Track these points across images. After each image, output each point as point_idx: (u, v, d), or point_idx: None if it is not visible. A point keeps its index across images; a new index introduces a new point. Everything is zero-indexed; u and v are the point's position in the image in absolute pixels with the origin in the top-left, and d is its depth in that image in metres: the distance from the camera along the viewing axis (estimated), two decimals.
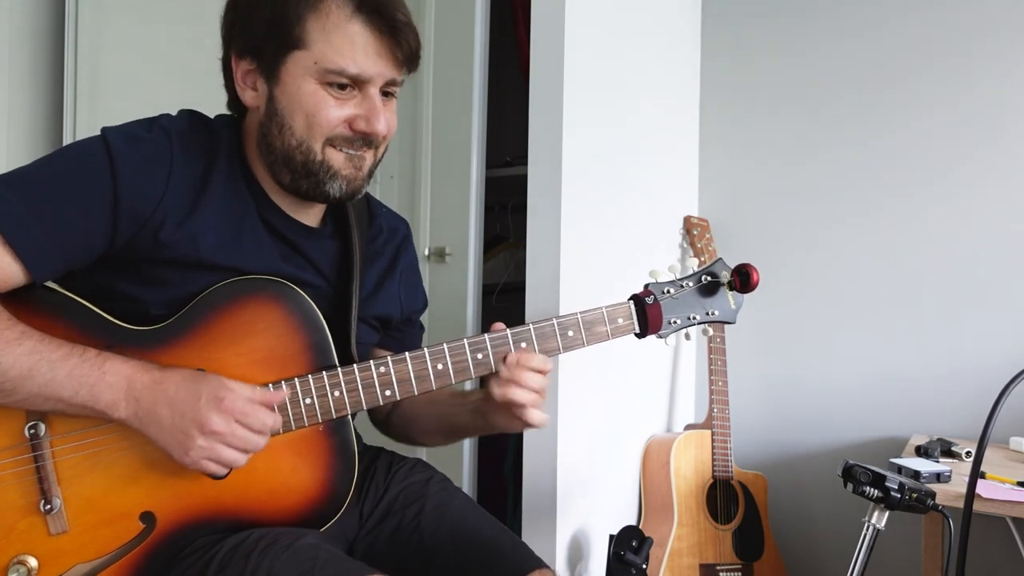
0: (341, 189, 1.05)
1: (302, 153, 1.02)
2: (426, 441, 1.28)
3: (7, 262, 0.92)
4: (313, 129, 1.01)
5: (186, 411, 0.91)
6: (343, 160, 1.04)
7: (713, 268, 1.16)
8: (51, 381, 0.89)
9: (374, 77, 1.02)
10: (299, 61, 1.00)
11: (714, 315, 1.16)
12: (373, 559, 1.12)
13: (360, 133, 1.03)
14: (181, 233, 0.98)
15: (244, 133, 1.09)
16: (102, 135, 0.98)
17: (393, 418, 1.29)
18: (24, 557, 0.93)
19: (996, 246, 2.01)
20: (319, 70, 0.99)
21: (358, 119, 1.02)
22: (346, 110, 1.02)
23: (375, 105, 1.03)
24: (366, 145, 1.05)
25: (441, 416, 1.24)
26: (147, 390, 0.92)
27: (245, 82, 1.05)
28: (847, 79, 2.20)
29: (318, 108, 1.01)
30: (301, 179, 1.04)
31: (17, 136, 2.28)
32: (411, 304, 1.28)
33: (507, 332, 1.07)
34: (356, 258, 1.14)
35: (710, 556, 1.97)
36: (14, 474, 0.93)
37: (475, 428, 1.18)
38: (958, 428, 1.98)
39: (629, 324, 1.13)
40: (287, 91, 1.01)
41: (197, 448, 0.92)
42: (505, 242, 2.69)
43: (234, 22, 1.06)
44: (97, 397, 0.91)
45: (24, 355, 0.89)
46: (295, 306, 1.03)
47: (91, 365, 0.91)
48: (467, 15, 1.94)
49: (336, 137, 1.03)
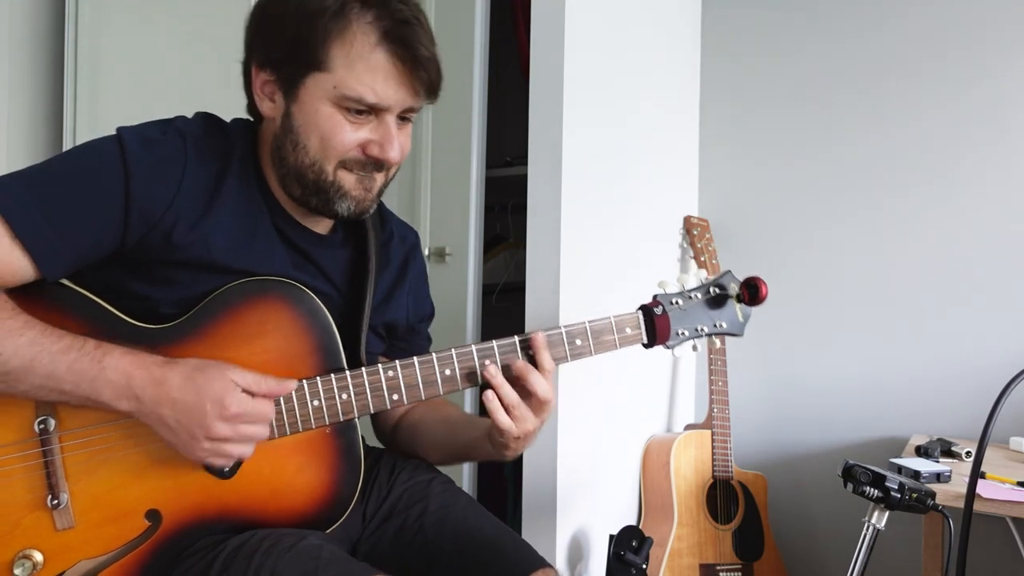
0: (349, 209, 1.05)
1: (314, 172, 1.03)
2: (430, 456, 1.26)
3: (18, 258, 0.92)
4: (327, 151, 1.02)
5: (192, 414, 0.91)
6: (354, 181, 1.04)
7: (722, 280, 1.16)
8: (52, 374, 0.90)
9: (392, 106, 1.02)
10: (319, 83, 1.00)
11: (722, 327, 1.16)
12: (376, 560, 1.12)
13: (373, 158, 1.03)
14: (193, 235, 0.99)
15: (259, 140, 1.09)
16: (117, 135, 0.98)
17: (400, 431, 1.28)
18: (30, 552, 0.93)
19: (996, 246, 2.01)
20: (338, 95, 0.99)
21: (372, 144, 1.02)
22: (360, 134, 1.02)
23: (390, 132, 1.03)
24: (377, 169, 1.05)
25: (451, 431, 1.23)
26: (148, 389, 0.92)
27: (263, 91, 1.05)
28: (847, 79, 2.21)
29: (333, 132, 1.01)
30: (311, 196, 1.05)
31: (17, 136, 2.28)
32: (418, 312, 1.28)
33: (515, 339, 1.07)
34: (372, 264, 1.15)
35: (710, 556, 1.98)
36: (22, 468, 0.94)
37: (482, 446, 1.16)
38: (958, 428, 1.99)
39: (637, 334, 1.13)
40: (304, 110, 1.01)
41: (202, 449, 0.93)
42: (505, 242, 2.69)
43: (258, 31, 1.05)
44: (98, 391, 0.91)
45: (25, 346, 0.89)
46: (305, 308, 1.03)
47: (91, 359, 0.91)
48: (467, 15, 1.94)
49: (349, 160, 1.03)
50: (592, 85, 1.75)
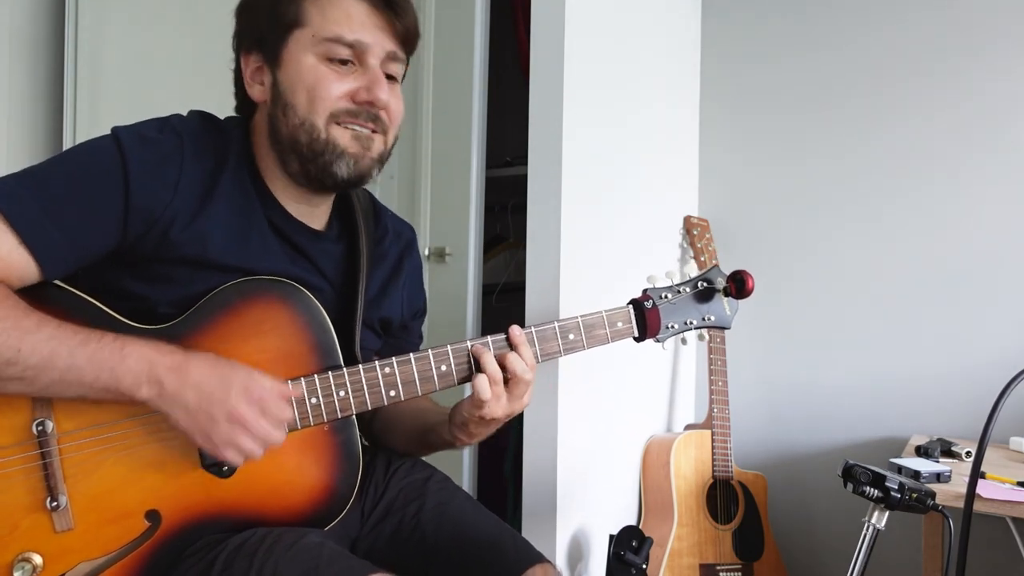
0: (349, 168, 1.05)
1: (306, 132, 1.03)
2: (399, 444, 1.27)
3: (19, 256, 0.92)
4: (315, 104, 1.02)
5: (215, 395, 0.92)
6: (349, 138, 1.04)
7: (709, 275, 1.19)
8: (71, 367, 0.89)
9: (372, 45, 1.03)
10: (299, 40, 1.03)
11: (710, 320, 1.19)
12: (375, 558, 1.12)
13: (364, 103, 1.04)
14: (190, 233, 0.99)
15: (253, 133, 1.10)
16: (114, 135, 0.99)
17: (375, 421, 1.29)
18: (29, 554, 0.93)
19: (996, 246, 2.01)
20: (317, 41, 1.02)
21: (360, 90, 1.03)
22: (347, 83, 1.03)
23: (376, 75, 1.04)
24: (372, 120, 1.05)
25: (415, 416, 1.24)
26: (171, 373, 0.92)
27: (254, 79, 1.07)
28: (847, 79, 2.21)
29: (318, 82, 1.02)
30: (308, 163, 1.04)
31: (17, 136, 2.28)
32: (411, 308, 1.28)
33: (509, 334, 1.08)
34: (363, 260, 1.15)
35: (710, 556, 1.98)
36: (20, 471, 0.93)
37: (439, 429, 1.17)
38: (958, 428, 1.99)
39: (628, 328, 1.15)
40: (288, 71, 1.03)
41: (220, 433, 0.92)
42: (505, 242, 2.69)
43: (242, 24, 1.09)
44: (119, 379, 0.91)
45: (44, 341, 0.89)
46: (302, 307, 1.03)
47: (111, 349, 0.91)
48: (467, 15, 1.94)
49: (339, 112, 1.03)
50: (592, 85, 1.75)
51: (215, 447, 0.93)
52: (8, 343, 0.87)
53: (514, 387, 1.06)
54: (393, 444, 1.27)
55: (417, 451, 1.27)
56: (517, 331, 1.07)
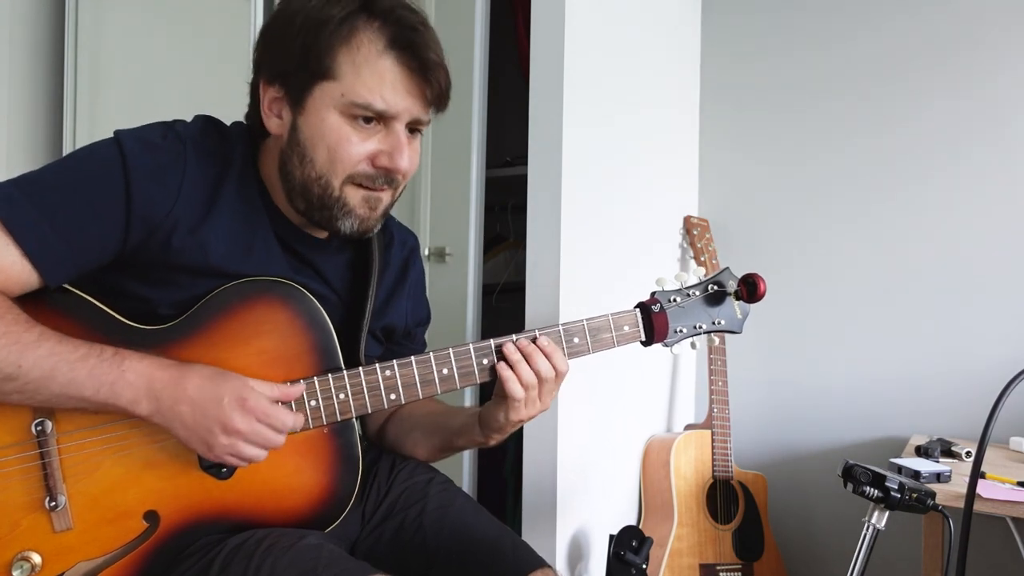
0: (352, 227, 1.04)
1: (320, 187, 1.02)
2: (419, 450, 1.26)
3: (20, 265, 0.92)
4: (335, 164, 1.00)
5: (208, 410, 0.92)
6: (360, 199, 1.03)
7: (720, 277, 1.15)
8: (72, 381, 0.90)
9: (400, 114, 1.00)
10: (326, 92, 0.99)
11: (720, 324, 1.16)
12: (375, 559, 1.12)
13: (382, 169, 1.02)
14: (192, 240, 0.98)
15: (262, 151, 1.08)
16: (116, 139, 0.97)
17: (388, 428, 1.28)
18: (28, 554, 0.93)
19: (996, 245, 2.01)
20: (345, 103, 0.98)
21: (381, 155, 1.01)
22: (369, 145, 1.01)
23: (400, 140, 1.01)
24: (387, 183, 1.04)
25: (437, 422, 1.23)
26: (167, 388, 0.92)
27: (271, 109, 1.04)
28: (847, 79, 2.21)
29: (340, 142, 0.99)
30: (315, 211, 1.04)
31: (17, 136, 2.28)
32: (416, 316, 1.28)
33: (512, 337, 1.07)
34: (375, 267, 1.14)
35: (710, 556, 1.98)
36: (20, 471, 0.93)
37: (470, 431, 1.17)
38: (958, 428, 1.99)
39: (635, 332, 1.13)
40: (311, 121, 1.00)
41: (218, 445, 0.93)
42: (505, 242, 2.69)
43: (266, 47, 1.05)
44: (118, 395, 0.91)
45: (44, 356, 0.89)
46: (302, 308, 1.03)
47: (110, 364, 0.91)
48: (467, 15, 1.94)
49: (357, 175, 1.01)
50: (592, 85, 1.75)
51: (218, 457, 0.94)
52: (9, 359, 0.88)
53: (543, 389, 1.07)
54: (413, 453, 1.26)
55: (441, 456, 1.26)
56: (545, 341, 1.07)
